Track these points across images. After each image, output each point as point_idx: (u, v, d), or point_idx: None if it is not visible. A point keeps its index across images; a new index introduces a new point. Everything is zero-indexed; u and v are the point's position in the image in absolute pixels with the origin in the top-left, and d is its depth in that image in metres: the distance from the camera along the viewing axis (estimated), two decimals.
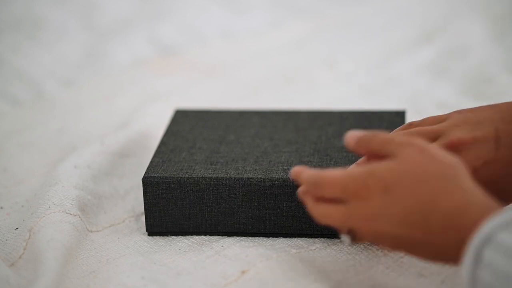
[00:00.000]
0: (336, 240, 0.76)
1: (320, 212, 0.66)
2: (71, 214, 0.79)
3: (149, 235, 0.79)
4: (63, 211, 0.79)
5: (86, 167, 0.87)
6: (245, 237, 0.77)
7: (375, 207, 0.62)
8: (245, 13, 1.55)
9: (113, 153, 0.93)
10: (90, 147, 0.92)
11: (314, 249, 0.75)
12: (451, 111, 0.75)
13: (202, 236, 0.78)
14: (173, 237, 0.79)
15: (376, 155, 0.66)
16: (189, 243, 0.77)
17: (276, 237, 0.77)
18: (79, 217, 0.80)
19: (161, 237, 0.79)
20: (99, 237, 0.80)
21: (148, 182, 0.77)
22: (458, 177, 0.62)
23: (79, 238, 0.78)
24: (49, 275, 0.69)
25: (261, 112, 0.92)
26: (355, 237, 0.66)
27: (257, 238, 0.77)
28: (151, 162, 0.80)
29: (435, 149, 0.63)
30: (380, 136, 0.66)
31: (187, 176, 0.77)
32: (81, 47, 1.45)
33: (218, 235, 0.78)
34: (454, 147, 0.68)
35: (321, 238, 0.77)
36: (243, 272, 0.71)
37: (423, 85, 1.17)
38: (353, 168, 0.66)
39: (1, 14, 1.56)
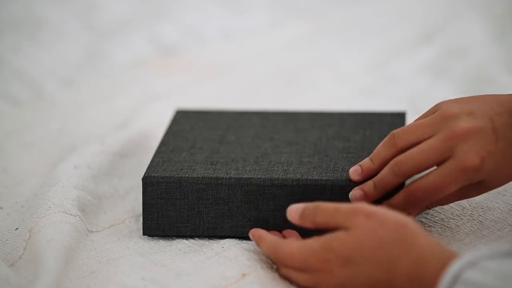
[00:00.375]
0: None
1: (288, 277, 0.69)
2: (71, 215, 0.79)
3: (144, 234, 0.79)
4: (63, 211, 0.79)
5: (86, 167, 0.87)
6: (246, 240, 0.77)
7: (339, 277, 0.64)
8: (245, 13, 1.55)
9: (113, 153, 0.93)
10: (90, 147, 0.92)
11: None
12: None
13: (203, 237, 0.78)
14: (173, 238, 0.78)
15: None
16: (189, 244, 0.77)
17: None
18: (79, 217, 0.80)
19: (161, 237, 0.79)
20: (99, 237, 0.80)
21: (148, 182, 0.77)
22: (411, 236, 0.63)
23: (79, 239, 0.78)
24: (49, 276, 0.69)
25: (261, 112, 0.92)
26: None
27: None
28: (151, 162, 0.80)
29: (383, 211, 0.64)
30: (323, 207, 0.67)
31: (187, 175, 0.77)
32: (81, 47, 1.45)
33: (217, 238, 0.78)
34: (460, 137, 0.68)
35: None
36: (243, 275, 0.71)
37: (423, 85, 1.17)
38: (308, 241, 0.66)
39: (1, 14, 1.56)
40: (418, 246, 0.62)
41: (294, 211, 0.69)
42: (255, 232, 0.73)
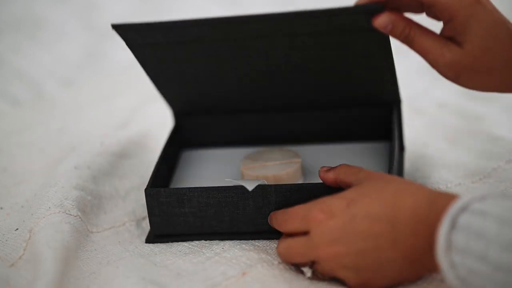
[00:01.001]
0: None
1: (283, 246, 0.69)
2: (71, 215, 0.79)
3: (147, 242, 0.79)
4: (63, 212, 0.79)
5: (86, 168, 0.87)
6: (246, 240, 0.77)
7: (338, 227, 0.64)
8: (244, 13, 1.55)
9: (113, 154, 0.93)
10: (90, 147, 0.92)
11: None
12: (451, 111, 0.75)
13: (203, 241, 0.78)
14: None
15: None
16: (190, 246, 0.77)
17: (278, 239, 0.77)
18: (79, 217, 0.80)
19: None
20: (99, 238, 0.80)
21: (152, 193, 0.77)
22: (410, 181, 0.65)
23: (79, 239, 0.78)
24: (49, 276, 0.69)
25: (261, 112, 0.91)
26: (316, 271, 0.68)
27: (257, 241, 0.77)
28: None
29: (391, 176, 0.68)
30: (349, 167, 0.70)
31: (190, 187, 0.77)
32: (81, 47, 1.45)
33: (219, 239, 0.78)
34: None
35: None
36: (243, 274, 0.71)
37: (423, 85, 1.17)
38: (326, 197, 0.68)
39: (1, 14, 1.56)
40: (424, 186, 0.63)
41: (326, 169, 0.72)
42: (271, 216, 0.74)
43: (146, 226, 0.82)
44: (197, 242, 0.78)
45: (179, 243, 0.78)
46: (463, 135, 0.96)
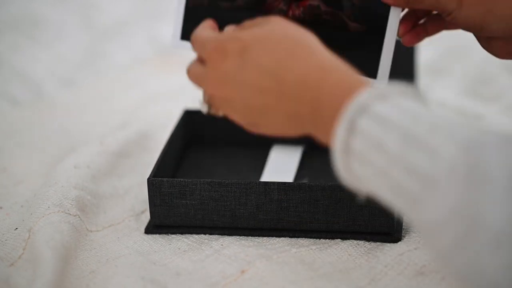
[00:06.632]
0: (337, 240, 0.76)
1: (189, 66, 0.67)
2: (70, 214, 0.79)
3: (146, 232, 0.79)
4: (62, 211, 0.79)
5: (86, 167, 0.87)
6: (245, 236, 0.77)
7: (228, 71, 0.62)
8: None
9: (113, 153, 0.93)
10: (90, 147, 0.92)
11: (314, 249, 0.75)
12: (451, 111, 0.75)
13: (202, 235, 0.78)
14: (172, 235, 0.78)
15: None
16: (189, 242, 0.77)
17: (278, 236, 0.77)
18: (79, 217, 0.80)
19: (160, 235, 0.79)
20: (98, 237, 0.80)
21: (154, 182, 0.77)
22: (316, 45, 0.61)
23: (79, 238, 0.78)
24: (49, 275, 0.69)
25: None
26: (212, 107, 0.66)
27: (256, 237, 0.77)
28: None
29: (293, 23, 0.64)
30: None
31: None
32: (81, 47, 1.45)
33: (219, 233, 0.78)
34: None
35: (322, 239, 0.77)
36: (242, 272, 0.71)
37: (423, 85, 1.17)
38: (225, 31, 0.66)
39: (1, 14, 1.56)
40: (320, 55, 0.60)
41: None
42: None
43: (145, 218, 0.82)
44: (196, 237, 0.78)
45: (178, 238, 0.78)
46: None
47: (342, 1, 0.74)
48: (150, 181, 0.77)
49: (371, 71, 0.74)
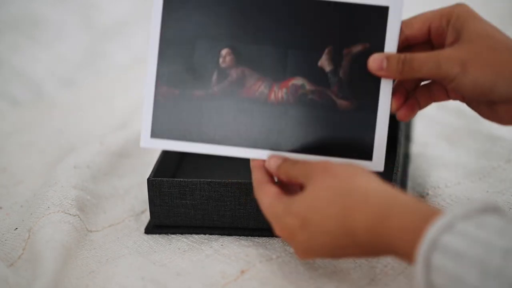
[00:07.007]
0: None
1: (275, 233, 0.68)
2: (70, 214, 0.79)
3: (146, 232, 0.79)
4: (62, 211, 0.79)
5: (86, 167, 0.87)
6: (245, 236, 0.77)
7: (303, 242, 0.64)
8: None
9: (113, 153, 0.93)
10: (90, 147, 0.92)
11: None
12: (451, 111, 0.74)
13: (202, 235, 0.78)
14: (172, 235, 0.78)
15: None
16: (189, 242, 0.77)
17: (278, 236, 0.77)
18: (79, 217, 0.80)
19: (160, 235, 0.79)
20: (98, 237, 0.80)
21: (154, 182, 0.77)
22: (364, 185, 0.62)
23: (79, 238, 0.78)
24: (48, 275, 0.69)
25: None
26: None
27: (256, 237, 0.77)
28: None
29: (338, 164, 0.64)
30: (296, 162, 0.68)
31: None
32: (81, 47, 1.45)
33: (219, 233, 0.78)
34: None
35: None
36: (242, 272, 0.71)
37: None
38: (275, 202, 0.66)
39: (1, 14, 1.56)
40: (371, 197, 0.61)
41: (274, 161, 0.70)
42: (252, 162, 0.71)
43: (145, 218, 0.82)
44: (196, 237, 0.78)
45: (178, 238, 0.78)
46: (463, 135, 0.96)
47: (328, 77, 0.70)
48: (150, 181, 0.77)
49: (365, 153, 0.70)
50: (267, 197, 0.67)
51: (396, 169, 0.76)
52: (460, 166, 0.88)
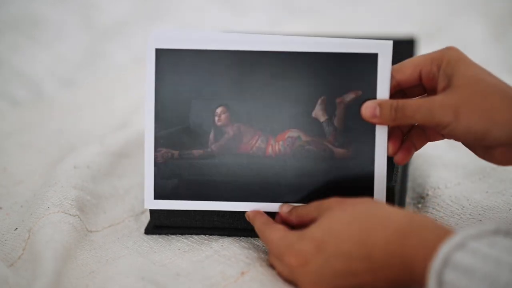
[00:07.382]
0: None
1: (273, 265, 0.70)
2: (70, 215, 0.79)
3: (146, 233, 0.79)
4: (62, 212, 0.79)
5: (86, 167, 0.87)
6: (245, 238, 0.77)
7: (316, 266, 0.64)
8: (243, 13, 1.55)
9: (113, 153, 0.93)
10: (90, 147, 0.92)
11: None
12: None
13: (202, 235, 0.78)
14: (172, 236, 0.78)
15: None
16: (189, 242, 0.77)
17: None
18: (79, 217, 0.80)
19: (160, 236, 0.79)
20: (98, 237, 0.80)
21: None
22: (381, 208, 0.63)
23: (79, 239, 0.78)
24: (48, 276, 0.69)
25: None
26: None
27: (257, 239, 0.77)
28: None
29: (351, 198, 0.66)
30: (307, 205, 0.70)
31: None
32: (81, 47, 1.45)
33: (219, 234, 0.78)
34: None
35: None
36: (242, 273, 0.71)
37: None
38: (289, 233, 0.67)
39: (1, 14, 1.56)
40: (390, 218, 0.62)
41: (286, 207, 0.72)
42: (250, 212, 0.74)
43: (145, 219, 0.82)
44: (196, 238, 0.78)
45: (178, 239, 0.78)
46: None
47: (323, 127, 0.72)
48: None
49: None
50: (278, 232, 0.69)
51: (396, 169, 0.76)
52: (460, 166, 0.88)
